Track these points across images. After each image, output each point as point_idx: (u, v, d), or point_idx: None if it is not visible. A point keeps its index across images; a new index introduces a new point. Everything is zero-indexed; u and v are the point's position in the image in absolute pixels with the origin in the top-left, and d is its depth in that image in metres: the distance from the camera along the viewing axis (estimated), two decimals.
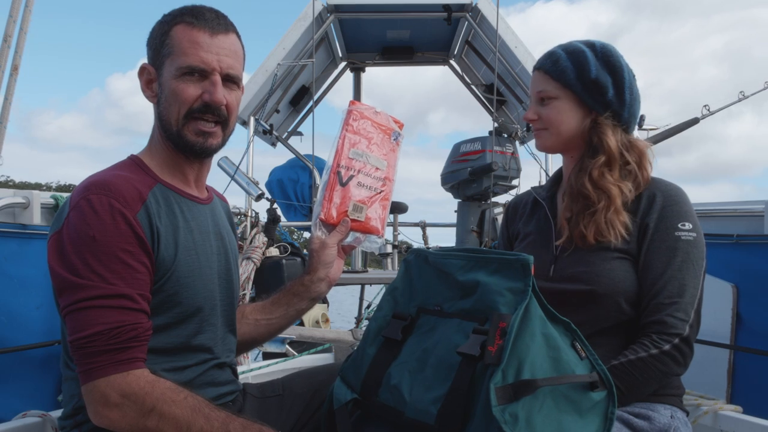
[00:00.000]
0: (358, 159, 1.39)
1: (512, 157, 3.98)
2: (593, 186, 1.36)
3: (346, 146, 1.39)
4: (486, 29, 4.15)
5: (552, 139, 1.43)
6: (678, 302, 1.25)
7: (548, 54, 1.44)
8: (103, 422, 1.07)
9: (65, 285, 1.10)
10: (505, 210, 1.69)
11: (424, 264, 1.23)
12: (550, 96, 1.41)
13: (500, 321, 0.98)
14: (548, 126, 1.42)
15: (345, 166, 1.38)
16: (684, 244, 1.29)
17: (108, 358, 1.07)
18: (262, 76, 3.93)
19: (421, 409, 1.02)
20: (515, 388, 0.92)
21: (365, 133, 1.42)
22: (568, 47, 1.43)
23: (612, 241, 1.31)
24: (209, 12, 1.25)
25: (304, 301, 1.45)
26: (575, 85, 1.38)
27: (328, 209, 1.37)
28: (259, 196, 3.50)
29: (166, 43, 1.23)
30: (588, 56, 1.38)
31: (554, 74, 1.40)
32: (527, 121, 1.47)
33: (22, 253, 2.05)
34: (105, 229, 1.10)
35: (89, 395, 1.08)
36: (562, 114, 1.40)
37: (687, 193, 1.37)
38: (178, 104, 1.22)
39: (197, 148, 1.25)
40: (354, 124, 1.41)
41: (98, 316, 1.07)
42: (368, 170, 1.40)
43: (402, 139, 1.46)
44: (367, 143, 1.41)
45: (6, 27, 2.22)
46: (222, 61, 1.23)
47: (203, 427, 1.07)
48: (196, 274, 1.23)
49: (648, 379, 1.22)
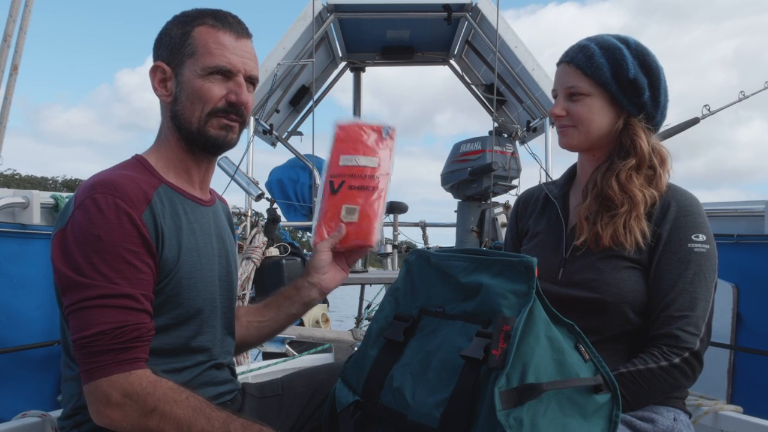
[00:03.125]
0: (347, 164, 1.40)
1: (512, 157, 3.99)
2: (619, 188, 1.31)
3: (335, 156, 1.41)
4: (486, 29, 4.15)
5: (580, 138, 1.37)
6: (689, 316, 1.23)
7: (580, 47, 1.36)
8: (104, 422, 1.08)
9: (69, 284, 1.10)
10: (515, 204, 1.63)
11: (426, 265, 1.23)
12: (582, 92, 1.34)
13: (504, 324, 0.97)
14: (577, 124, 1.36)
15: (336, 174, 1.40)
16: (696, 257, 1.26)
17: (110, 357, 1.07)
18: (262, 76, 3.92)
19: (425, 412, 1.01)
20: (520, 392, 0.92)
21: (353, 136, 1.42)
22: (602, 42, 1.35)
23: (627, 248, 1.28)
24: (231, 16, 1.29)
25: (296, 305, 1.44)
26: (611, 84, 1.32)
27: (320, 234, 1.40)
28: (259, 196, 3.50)
29: (188, 43, 1.24)
30: (625, 54, 1.32)
31: (588, 70, 1.33)
32: (553, 116, 1.39)
33: (22, 253, 2.05)
34: (110, 229, 1.10)
35: (91, 395, 1.08)
36: (594, 113, 1.34)
37: None
38: (202, 103, 1.24)
39: (219, 141, 1.27)
40: (341, 134, 1.43)
41: (101, 315, 1.07)
42: (358, 172, 1.40)
43: (394, 132, 1.45)
44: (355, 145, 1.41)
45: (6, 26, 2.22)
46: (246, 64, 1.27)
47: (204, 427, 1.07)
48: (197, 276, 1.23)
49: (655, 390, 1.21)
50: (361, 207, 1.39)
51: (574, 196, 1.47)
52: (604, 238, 1.30)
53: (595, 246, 1.32)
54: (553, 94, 1.43)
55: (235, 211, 3.57)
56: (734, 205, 2.40)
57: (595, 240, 1.32)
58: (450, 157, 4.17)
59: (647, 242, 1.29)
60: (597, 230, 1.31)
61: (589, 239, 1.33)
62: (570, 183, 1.50)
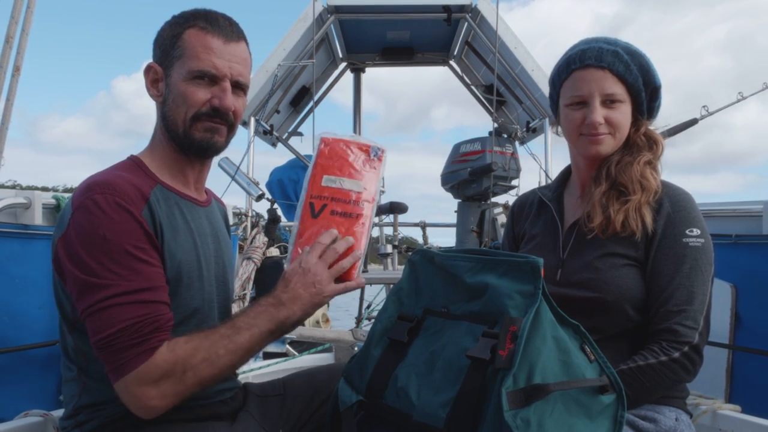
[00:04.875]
0: (330, 185, 1.30)
1: (512, 157, 3.99)
2: (635, 177, 1.33)
3: (318, 175, 1.31)
4: (486, 30, 4.15)
5: (613, 145, 1.36)
6: (687, 310, 1.24)
7: (612, 53, 1.33)
8: (149, 413, 1.09)
9: (83, 287, 1.09)
10: (511, 209, 1.65)
11: (430, 265, 1.23)
12: (620, 99, 1.33)
13: (511, 324, 0.98)
14: (614, 131, 1.35)
15: (317, 195, 1.30)
16: (692, 251, 1.28)
17: (134, 352, 1.07)
18: (263, 77, 3.93)
19: (430, 412, 1.02)
20: (527, 392, 0.92)
21: (339, 154, 1.32)
22: (627, 48, 1.35)
23: (635, 230, 1.29)
24: (223, 19, 1.27)
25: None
26: (642, 91, 1.34)
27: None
28: (260, 197, 3.51)
29: (178, 45, 1.24)
30: (649, 62, 1.35)
31: (628, 78, 1.33)
32: (594, 125, 1.33)
33: (24, 253, 2.05)
34: (114, 228, 1.10)
35: (124, 392, 1.09)
36: (627, 119, 1.36)
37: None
38: (186, 106, 1.23)
39: (204, 144, 1.26)
40: (326, 150, 1.33)
41: (119, 314, 1.08)
42: (342, 196, 1.30)
43: (383, 154, 1.34)
44: (340, 165, 1.32)
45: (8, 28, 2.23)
46: (233, 68, 1.25)
47: (225, 345, 1.12)
48: (194, 276, 1.24)
49: (656, 385, 1.22)
50: (342, 236, 1.28)
51: (568, 197, 1.49)
52: (617, 222, 1.31)
53: (602, 232, 1.33)
54: (575, 99, 1.36)
55: (235, 212, 3.58)
56: (733, 205, 2.41)
57: (606, 225, 1.33)
58: (450, 158, 4.18)
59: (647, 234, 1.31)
60: (609, 214, 1.32)
61: (601, 224, 1.33)
62: (564, 185, 1.52)
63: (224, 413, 1.29)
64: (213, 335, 1.13)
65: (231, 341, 1.13)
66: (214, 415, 1.26)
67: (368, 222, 1.30)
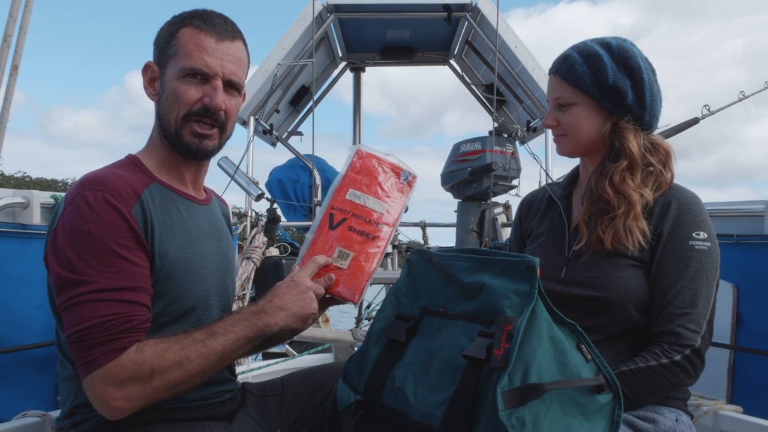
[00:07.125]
0: (354, 200, 1.29)
1: (512, 157, 3.99)
2: (614, 191, 1.33)
3: (345, 186, 1.30)
4: (486, 29, 4.15)
5: (572, 145, 1.42)
6: (690, 313, 1.23)
7: (563, 58, 1.41)
8: (113, 413, 1.06)
9: (62, 282, 1.09)
10: (519, 206, 1.65)
11: (428, 264, 1.23)
12: (569, 102, 1.38)
13: (506, 324, 0.97)
14: (568, 132, 1.40)
15: (339, 208, 1.29)
16: (698, 254, 1.27)
17: (102, 350, 1.06)
18: (262, 76, 3.93)
19: (426, 412, 1.01)
20: (522, 392, 0.92)
21: (370, 170, 1.32)
22: (583, 50, 1.39)
23: (630, 248, 1.29)
24: (218, 18, 1.26)
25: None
26: (593, 91, 1.35)
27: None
28: (259, 196, 3.51)
29: (172, 44, 1.24)
30: (605, 60, 1.35)
31: (570, 80, 1.37)
32: (547, 127, 1.46)
33: (22, 253, 2.04)
34: (100, 224, 1.10)
35: (90, 390, 1.07)
36: (582, 120, 1.38)
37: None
38: (178, 105, 1.23)
39: (193, 149, 1.26)
40: (358, 163, 1.32)
41: (92, 310, 1.07)
42: (363, 214, 1.29)
43: (414, 180, 1.33)
44: (369, 182, 1.31)
45: (6, 26, 2.22)
46: (225, 67, 1.24)
47: (198, 349, 1.09)
48: (190, 273, 1.23)
49: (657, 388, 1.21)
50: (356, 255, 1.28)
51: (577, 196, 1.49)
52: (607, 241, 1.31)
53: (599, 249, 1.33)
54: (548, 103, 1.47)
55: (235, 211, 3.57)
56: (734, 205, 2.40)
57: (598, 243, 1.33)
58: (450, 157, 4.17)
59: (648, 240, 1.30)
60: (598, 234, 1.33)
61: (592, 243, 1.34)
62: (573, 184, 1.52)
63: (223, 414, 1.29)
64: (186, 339, 1.11)
65: (204, 345, 1.10)
66: (213, 416, 1.26)
67: (384, 245, 1.29)
